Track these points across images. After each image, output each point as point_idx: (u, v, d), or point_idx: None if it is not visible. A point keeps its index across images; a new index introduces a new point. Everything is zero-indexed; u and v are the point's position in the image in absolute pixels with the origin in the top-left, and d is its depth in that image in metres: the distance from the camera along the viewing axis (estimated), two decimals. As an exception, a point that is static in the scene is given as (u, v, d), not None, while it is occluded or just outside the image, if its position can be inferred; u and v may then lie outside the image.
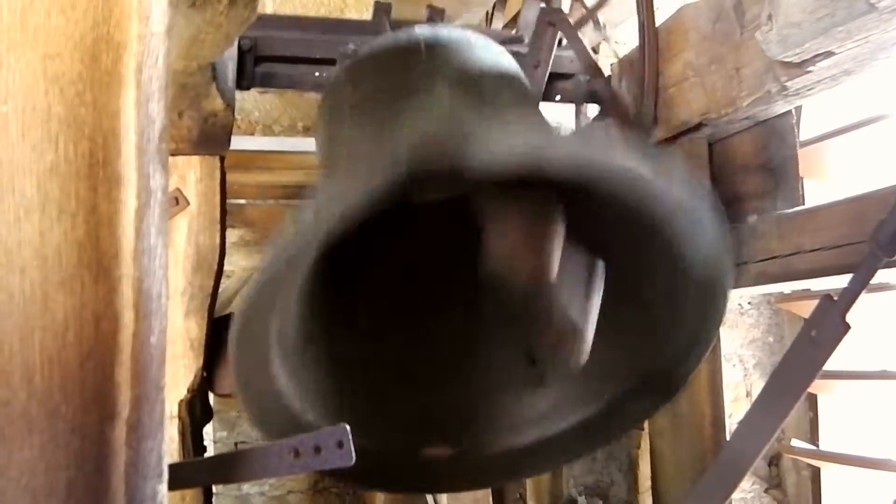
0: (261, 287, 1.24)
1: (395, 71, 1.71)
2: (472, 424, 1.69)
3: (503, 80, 1.72)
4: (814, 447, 2.87)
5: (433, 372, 1.71)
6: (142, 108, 0.72)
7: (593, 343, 1.44)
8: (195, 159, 1.93)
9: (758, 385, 3.32)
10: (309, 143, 2.53)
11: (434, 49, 1.69)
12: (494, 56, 1.74)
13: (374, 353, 1.70)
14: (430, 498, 3.03)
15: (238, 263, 3.53)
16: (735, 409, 3.19)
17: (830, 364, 1.38)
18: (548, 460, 1.76)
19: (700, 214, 1.27)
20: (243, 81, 2.14)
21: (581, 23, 2.41)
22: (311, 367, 1.53)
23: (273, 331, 1.34)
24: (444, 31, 1.76)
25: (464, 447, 1.68)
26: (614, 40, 2.57)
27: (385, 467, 1.63)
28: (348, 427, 1.00)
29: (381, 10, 2.32)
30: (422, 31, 1.74)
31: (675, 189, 1.24)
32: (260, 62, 2.18)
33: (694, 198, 1.26)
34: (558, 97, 2.34)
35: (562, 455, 1.73)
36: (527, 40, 2.38)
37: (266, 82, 2.23)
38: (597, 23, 2.41)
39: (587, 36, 2.39)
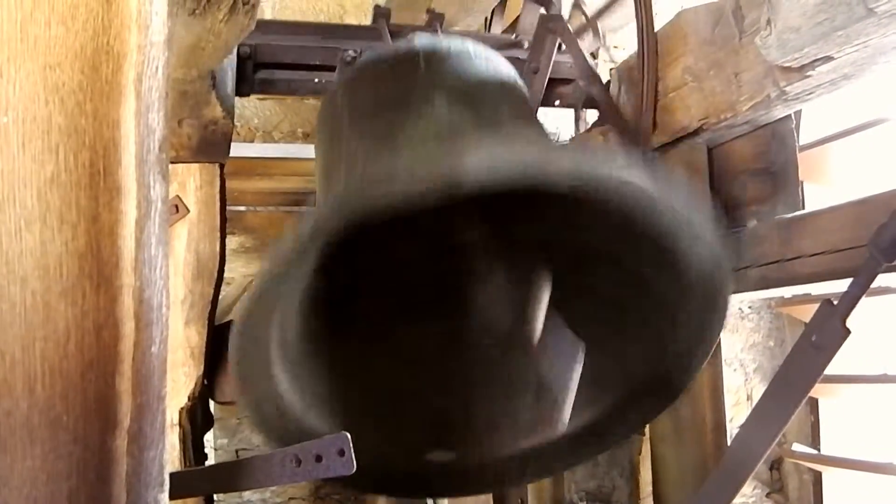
0: (262, 290, 1.24)
1: (394, 83, 1.70)
2: (474, 429, 1.69)
3: (503, 91, 1.71)
4: (815, 451, 2.87)
5: (435, 376, 1.72)
6: (142, 118, 0.72)
7: (596, 348, 1.45)
8: (195, 167, 1.93)
9: (759, 389, 3.32)
10: (309, 150, 2.53)
11: (433, 61, 1.68)
12: (494, 67, 1.73)
13: (375, 357, 1.71)
14: (430, 503, 3.02)
15: (238, 270, 3.54)
16: (736, 414, 3.19)
17: (831, 368, 1.38)
18: (550, 465, 1.76)
19: (699, 224, 1.27)
20: (243, 87, 2.15)
21: (581, 30, 2.42)
22: (313, 370, 1.53)
23: (274, 333, 1.34)
24: (444, 43, 1.76)
25: (466, 452, 1.68)
26: (613, 45, 2.57)
27: (387, 471, 1.64)
28: (349, 435, 0.99)
29: (381, 15, 2.32)
30: (421, 42, 1.74)
31: (674, 199, 1.25)
32: (259, 69, 2.18)
33: (693, 208, 1.26)
34: (557, 102, 2.35)
35: (564, 459, 1.73)
36: (526, 45, 2.39)
37: (265, 89, 2.23)
38: (596, 30, 2.41)
39: (586, 41, 2.39)
